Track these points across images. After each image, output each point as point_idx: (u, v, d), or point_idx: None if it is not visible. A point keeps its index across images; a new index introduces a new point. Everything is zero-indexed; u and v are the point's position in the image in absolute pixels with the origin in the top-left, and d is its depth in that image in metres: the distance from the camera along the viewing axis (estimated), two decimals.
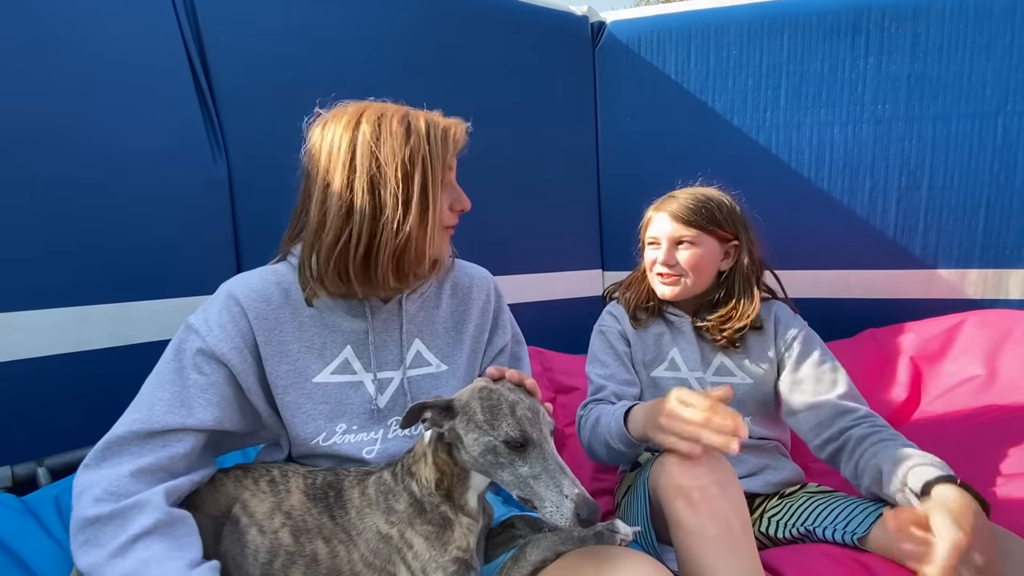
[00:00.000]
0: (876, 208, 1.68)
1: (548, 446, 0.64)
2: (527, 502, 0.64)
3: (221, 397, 0.75)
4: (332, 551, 0.70)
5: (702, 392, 0.80)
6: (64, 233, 1.12)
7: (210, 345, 0.75)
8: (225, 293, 0.79)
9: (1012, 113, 1.55)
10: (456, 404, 0.68)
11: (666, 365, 1.11)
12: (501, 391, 0.67)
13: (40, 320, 1.10)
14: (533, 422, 0.64)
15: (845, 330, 1.64)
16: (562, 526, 0.60)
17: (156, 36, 1.22)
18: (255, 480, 0.77)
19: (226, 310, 0.78)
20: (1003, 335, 1.32)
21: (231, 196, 1.32)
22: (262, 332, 0.78)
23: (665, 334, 1.13)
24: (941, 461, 0.82)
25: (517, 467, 0.63)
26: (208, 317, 0.77)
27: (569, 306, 1.85)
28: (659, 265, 1.08)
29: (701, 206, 1.09)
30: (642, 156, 1.82)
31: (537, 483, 0.62)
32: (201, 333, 0.76)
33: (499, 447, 0.63)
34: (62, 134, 1.12)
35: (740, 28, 1.70)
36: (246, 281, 0.81)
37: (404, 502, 0.70)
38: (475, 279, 0.95)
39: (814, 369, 1.02)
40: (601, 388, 1.07)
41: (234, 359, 0.76)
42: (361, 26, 1.48)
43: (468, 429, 0.66)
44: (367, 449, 0.82)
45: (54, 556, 0.82)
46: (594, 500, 0.61)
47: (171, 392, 0.73)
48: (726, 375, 1.08)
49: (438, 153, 0.78)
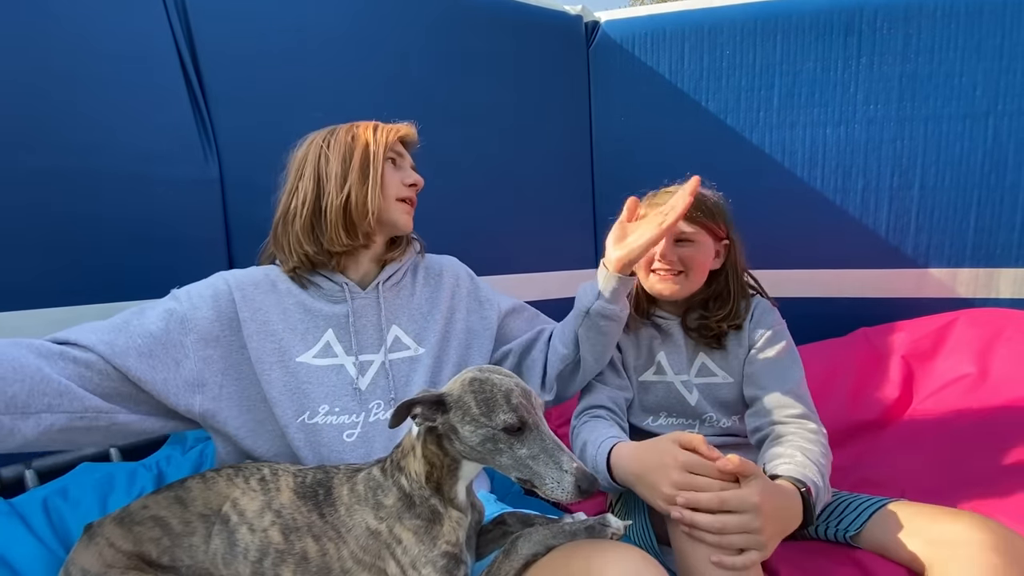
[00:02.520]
0: (868, 208, 1.69)
1: (544, 426, 0.67)
2: (526, 482, 0.66)
3: (151, 348, 0.76)
4: (322, 549, 0.70)
5: (697, 439, 0.77)
6: (52, 232, 1.11)
7: (183, 309, 0.80)
8: (215, 275, 0.89)
9: (1002, 114, 1.56)
10: (448, 399, 0.68)
11: (654, 369, 1.10)
12: (493, 380, 0.68)
13: (27, 320, 1.08)
14: (528, 407, 0.66)
15: (837, 329, 1.65)
16: (564, 500, 0.63)
17: (146, 34, 1.21)
18: (246, 479, 0.76)
19: (211, 286, 0.86)
20: (994, 334, 1.33)
21: (223, 195, 1.31)
22: (246, 310, 0.84)
23: (655, 339, 1.11)
24: (813, 471, 0.81)
25: (516, 450, 0.65)
26: (191, 289, 0.85)
27: (564, 305, 1.83)
28: (657, 261, 1.05)
29: (701, 202, 1.06)
30: (636, 155, 1.82)
31: (536, 463, 0.64)
32: (180, 299, 0.83)
33: (498, 435, 0.65)
34: (52, 131, 1.11)
35: (733, 28, 1.71)
36: (236, 271, 0.91)
37: (393, 497, 0.70)
38: (445, 266, 1.05)
39: (769, 364, 1.01)
40: (593, 393, 1.06)
41: (204, 327, 0.81)
42: (354, 24, 1.47)
43: (464, 422, 0.67)
44: (348, 432, 0.84)
45: (42, 560, 0.81)
46: (590, 472, 0.64)
47: (120, 319, 0.78)
48: (708, 376, 1.07)
49: (380, 140, 0.91)
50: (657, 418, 1.09)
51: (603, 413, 1.02)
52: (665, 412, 1.09)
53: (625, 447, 0.87)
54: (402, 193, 0.94)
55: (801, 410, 0.93)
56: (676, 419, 1.08)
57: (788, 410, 0.93)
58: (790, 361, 1.02)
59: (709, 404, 1.06)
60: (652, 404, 1.09)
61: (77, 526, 0.85)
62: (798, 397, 0.96)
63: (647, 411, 1.10)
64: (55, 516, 0.90)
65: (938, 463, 1.11)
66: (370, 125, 0.94)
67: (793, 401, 0.94)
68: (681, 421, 1.08)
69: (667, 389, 1.08)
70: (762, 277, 1.20)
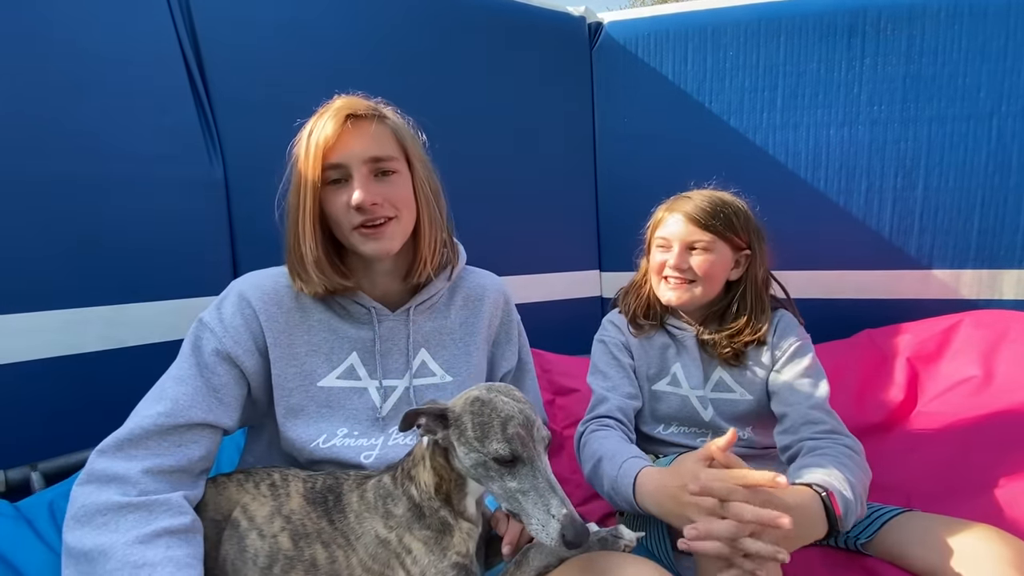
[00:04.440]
0: (872, 209, 1.69)
1: (540, 463, 0.63)
2: (515, 515, 0.63)
3: (233, 398, 0.76)
4: (331, 556, 0.70)
5: (722, 463, 0.73)
6: (57, 235, 1.11)
7: (225, 346, 0.76)
8: (237, 294, 0.79)
9: (1007, 115, 1.56)
10: (450, 414, 0.67)
11: (668, 380, 1.08)
12: (495, 403, 0.65)
13: (33, 323, 1.08)
14: (525, 440, 0.63)
15: (841, 330, 1.65)
16: (547, 544, 0.60)
17: (151, 37, 1.21)
18: (256, 484, 0.76)
19: (239, 313, 0.78)
20: (999, 336, 1.33)
21: (227, 198, 1.31)
22: (272, 334, 0.79)
23: (670, 347, 1.09)
24: (838, 477, 0.78)
25: (506, 481, 0.62)
26: (223, 317, 0.77)
27: (567, 307, 1.85)
28: (669, 269, 1.03)
29: (719, 210, 1.02)
30: (639, 157, 1.82)
31: (525, 499, 0.61)
32: (216, 333, 0.76)
33: (489, 463, 0.63)
34: (56, 134, 1.11)
35: (737, 29, 1.71)
36: (258, 283, 0.81)
37: (403, 506, 0.70)
38: (487, 290, 0.93)
39: (795, 379, 0.98)
40: (603, 400, 1.04)
41: (247, 361, 0.77)
42: (357, 27, 1.47)
43: (460, 442, 0.65)
44: (365, 454, 0.81)
45: (47, 563, 0.81)
46: (583, 522, 0.59)
47: (193, 387, 0.73)
48: (725, 391, 1.05)
49: (309, 161, 0.77)
50: (668, 427, 1.08)
51: (612, 424, 1.00)
52: (677, 423, 1.07)
53: (650, 476, 0.82)
54: (352, 220, 0.77)
55: (830, 426, 0.91)
56: (688, 429, 1.07)
57: (817, 427, 0.91)
58: (816, 376, 0.99)
59: (724, 419, 1.04)
60: (664, 414, 1.07)
61: None
62: (827, 412, 0.93)
63: (658, 420, 1.08)
64: (61, 519, 0.89)
65: (943, 466, 1.11)
66: (318, 120, 0.79)
67: (822, 416, 0.92)
68: (694, 430, 1.07)
69: (682, 402, 1.06)
70: None
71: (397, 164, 0.80)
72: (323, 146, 0.75)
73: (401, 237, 0.81)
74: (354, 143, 0.77)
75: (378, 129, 0.79)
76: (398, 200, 0.79)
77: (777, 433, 0.98)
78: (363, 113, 0.78)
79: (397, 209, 0.79)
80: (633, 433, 1.05)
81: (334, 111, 0.77)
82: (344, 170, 0.77)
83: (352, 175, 0.77)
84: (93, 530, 0.63)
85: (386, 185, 0.79)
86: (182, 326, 1.24)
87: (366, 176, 0.77)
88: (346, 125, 0.76)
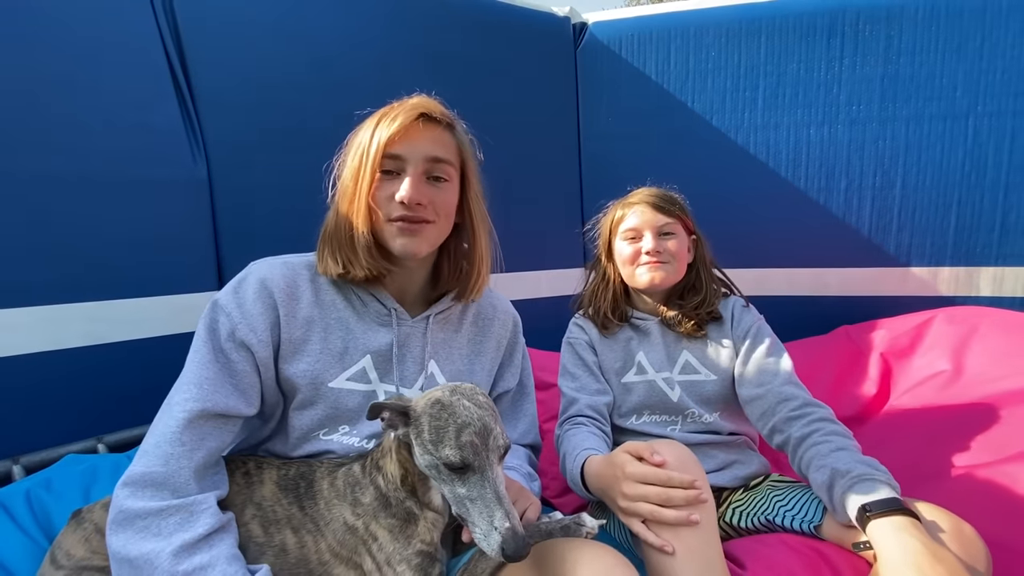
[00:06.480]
0: (851, 207, 1.71)
1: (491, 473, 0.63)
2: (463, 520, 0.65)
3: (249, 384, 0.76)
4: (300, 541, 0.72)
5: (648, 447, 0.80)
6: (40, 231, 1.13)
7: (241, 333, 0.74)
8: (259, 281, 0.78)
9: (982, 114, 1.59)
10: (411, 412, 0.68)
11: (635, 370, 1.12)
12: (454, 408, 0.65)
13: (15, 318, 1.10)
14: (478, 448, 0.63)
15: (821, 327, 1.67)
16: (489, 554, 0.61)
17: (134, 34, 1.23)
18: (230, 473, 0.77)
19: (259, 300, 0.76)
20: (969, 331, 1.36)
21: (211, 195, 1.32)
22: (288, 329, 0.78)
23: (632, 339, 1.14)
24: (867, 469, 0.81)
25: (456, 487, 0.64)
26: (241, 302, 0.76)
27: (552, 304, 1.86)
28: (645, 255, 1.09)
29: (671, 197, 1.14)
30: (623, 155, 1.84)
31: (472, 507, 0.63)
32: (233, 318, 0.75)
33: (440, 467, 0.64)
34: (40, 132, 1.12)
35: (718, 30, 1.73)
36: (281, 272, 0.80)
37: (370, 495, 0.72)
38: (498, 311, 0.95)
39: (761, 360, 1.04)
40: (573, 401, 1.08)
41: (261, 351, 0.76)
42: (341, 26, 1.49)
43: (417, 442, 0.67)
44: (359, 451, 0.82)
45: (25, 549, 0.82)
46: (525, 536, 0.61)
47: (214, 371, 0.72)
48: (691, 373, 1.09)
49: (376, 139, 0.78)
50: (640, 416, 1.11)
51: (584, 421, 1.05)
52: (648, 410, 1.11)
53: (593, 462, 0.89)
54: (391, 212, 0.78)
55: (802, 399, 0.97)
56: (659, 416, 1.10)
57: (791, 403, 0.97)
58: (778, 354, 1.05)
59: (692, 400, 1.08)
60: (635, 404, 1.11)
61: (60, 517, 0.87)
62: (796, 385, 1.00)
63: (631, 411, 1.11)
64: (38, 507, 0.91)
65: (912, 458, 1.13)
66: (384, 113, 0.80)
67: (794, 391, 0.98)
68: (664, 418, 1.10)
69: (649, 388, 1.10)
70: (746, 276, 1.22)
71: (451, 172, 0.82)
72: (390, 135, 0.77)
73: (433, 243, 0.82)
74: (418, 140, 0.78)
75: (445, 135, 0.81)
76: (441, 207, 0.81)
77: (756, 419, 1.02)
78: (437, 116, 0.81)
79: (438, 215, 0.81)
80: (607, 425, 1.08)
81: (410, 107, 0.79)
82: (400, 163, 0.78)
83: (406, 169, 0.78)
84: (138, 535, 0.64)
85: (435, 189, 0.80)
86: (166, 322, 1.27)
87: (419, 175, 0.79)
88: (417, 122, 0.78)
